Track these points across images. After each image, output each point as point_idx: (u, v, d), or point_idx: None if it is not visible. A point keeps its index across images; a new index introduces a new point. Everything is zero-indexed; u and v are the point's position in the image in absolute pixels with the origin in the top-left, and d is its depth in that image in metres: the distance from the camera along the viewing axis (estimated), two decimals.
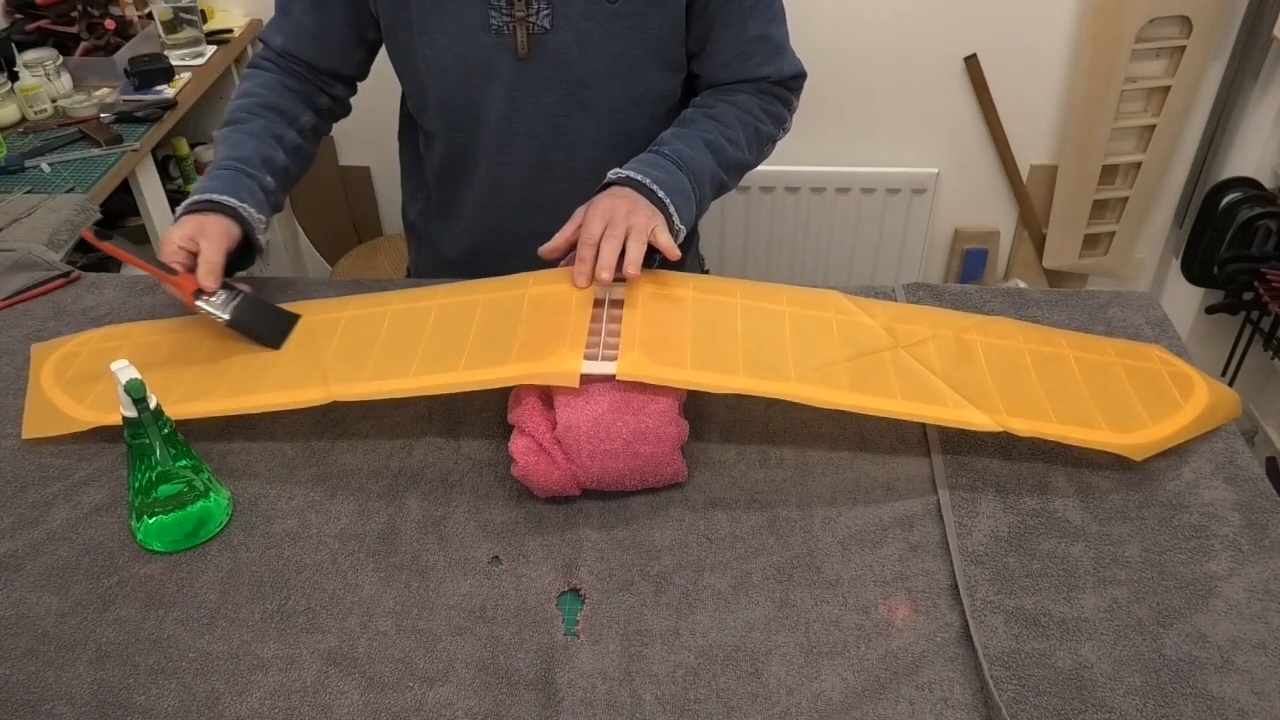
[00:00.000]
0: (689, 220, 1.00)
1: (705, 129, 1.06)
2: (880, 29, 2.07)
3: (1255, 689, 0.69)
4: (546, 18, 1.00)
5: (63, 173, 1.62)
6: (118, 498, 0.86)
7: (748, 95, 1.10)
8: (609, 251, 0.88)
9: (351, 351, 0.93)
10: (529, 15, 0.99)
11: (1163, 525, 0.82)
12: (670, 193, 0.97)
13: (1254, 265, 1.94)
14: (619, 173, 0.98)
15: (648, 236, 0.90)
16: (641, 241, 0.90)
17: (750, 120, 1.09)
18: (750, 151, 1.10)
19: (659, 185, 0.96)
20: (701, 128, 1.06)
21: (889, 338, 0.92)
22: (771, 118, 1.12)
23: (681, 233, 0.97)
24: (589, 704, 0.69)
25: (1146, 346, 0.99)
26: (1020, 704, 0.68)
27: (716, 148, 1.05)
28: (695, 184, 1.01)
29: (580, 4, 0.99)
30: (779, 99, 1.12)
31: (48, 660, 0.73)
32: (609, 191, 0.96)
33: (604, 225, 0.91)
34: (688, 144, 1.03)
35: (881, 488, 0.86)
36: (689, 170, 1.01)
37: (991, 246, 2.35)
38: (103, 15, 2.00)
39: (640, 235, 0.90)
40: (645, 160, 1.00)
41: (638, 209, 0.93)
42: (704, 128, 1.06)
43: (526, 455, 0.82)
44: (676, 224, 0.97)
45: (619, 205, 0.93)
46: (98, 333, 1.05)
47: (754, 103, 1.10)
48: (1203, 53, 2.02)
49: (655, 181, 0.96)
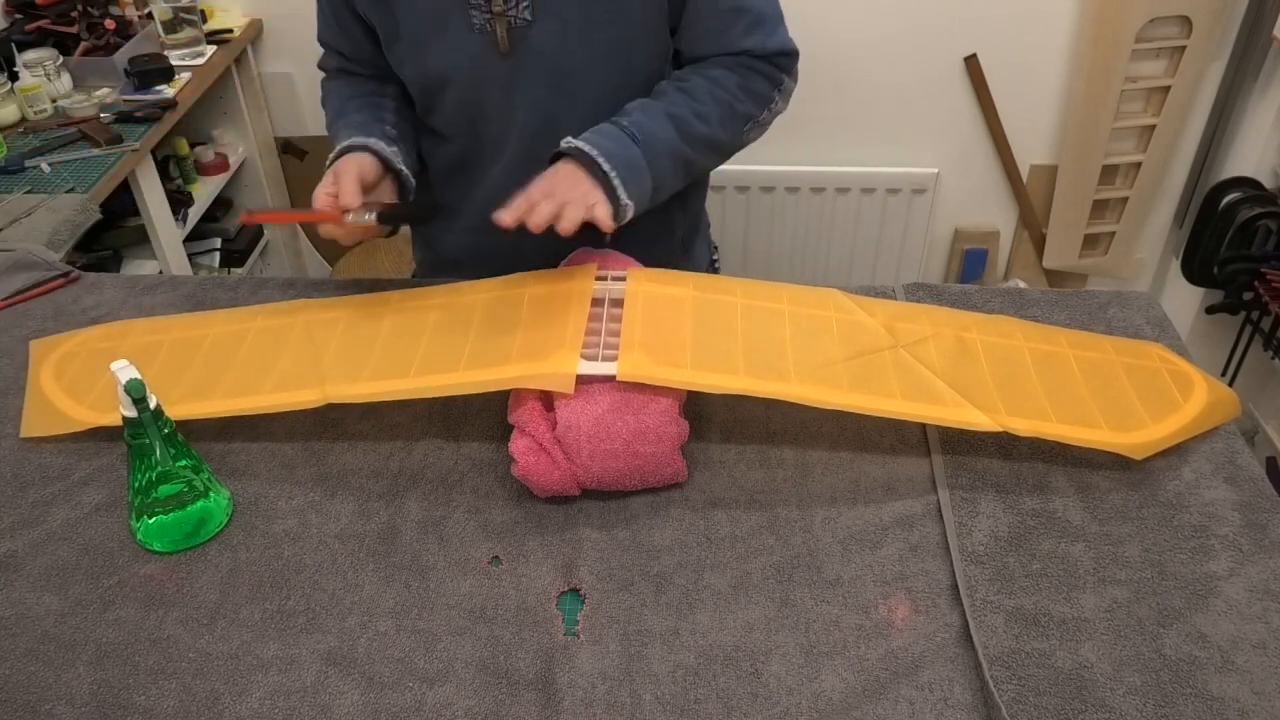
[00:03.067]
0: (640, 194, 0.98)
1: (672, 102, 1.03)
2: (880, 29, 2.07)
3: (1255, 689, 0.69)
4: (527, 9, 0.99)
5: (63, 173, 1.62)
6: (118, 498, 0.86)
7: (726, 70, 1.06)
8: (544, 212, 0.89)
9: (351, 352, 0.93)
10: (508, 9, 0.99)
11: (1163, 525, 0.82)
12: (617, 165, 0.95)
13: (1254, 265, 1.93)
14: (569, 142, 0.97)
15: (583, 213, 0.90)
16: (579, 211, 0.90)
17: (725, 96, 1.05)
18: (724, 129, 1.06)
19: (606, 157, 0.95)
20: (669, 100, 1.04)
21: (889, 336, 0.92)
22: (751, 95, 1.07)
23: (629, 206, 0.96)
24: (589, 704, 0.69)
25: (1146, 344, 0.99)
26: (1020, 704, 0.68)
27: (681, 121, 1.02)
28: (650, 157, 0.99)
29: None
30: (762, 75, 1.07)
31: (48, 660, 0.73)
32: (555, 167, 0.96)
33: (544, 195, 0.91)
34: (650, 115, 1.01)
35: (881, 488, 0.86)
36: (644, 143, 0.99)
37: (991, 246, 2.35)
38: (103, 15, 2.01)
39: (577, 207, 0.90)
40: (599, 130, 0.99)
41: (579, 184, 0.93)
42: (671, 100, 1.03)
43: (526, 455, 0.82)
44: (622, 198, 0.95)
45: (560, 180, 0.93)
46: (97, 332, 1.05)
47: (731, 78, 1.05)
48: (1203, 53, 2.02)
49: (603, 153, 0.95)
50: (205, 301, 1.12)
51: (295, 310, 1.02)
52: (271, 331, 0.99)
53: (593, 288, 0.93)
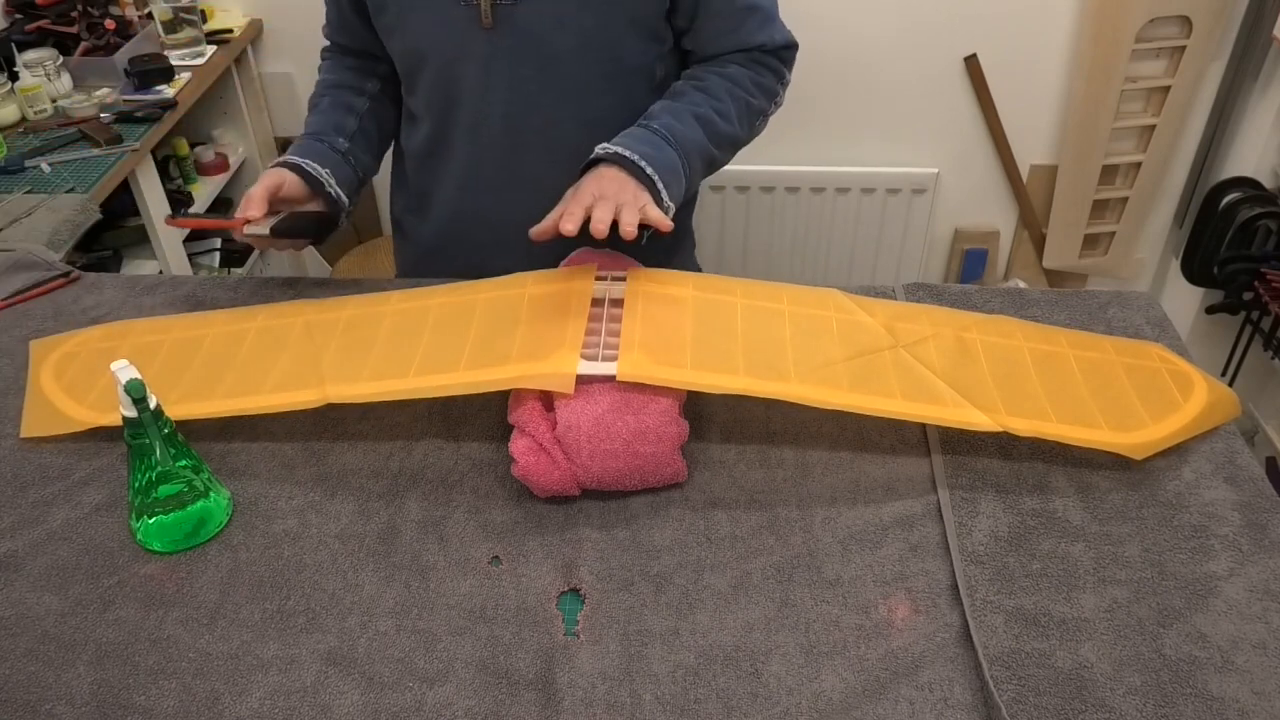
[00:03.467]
0: (678, 196, 0.99)
1: (695, 102, 1.04)
2: (880, 29, 2.07)
3: (1255, 689, 0.69)
4: None
5: (63, 173, 1.62)
6: (118, 498, 0.86)
7: (739, 67, 1.08)
8: (602, 212, 0.87)
9: (351, 352, 0.93)
10: None
11: (1163, 525, 0.82)
12: (659, 169, 0.95)
13: (1254, 265, 1.94)
14: (607, 148, 0.96)
15: (639, 214, 0.89)
16: (634, 212, 0.88)
17: (741, 94, 1.07)
18: (742, 126, 1.08)
19: (648, 162, 0.95)
20: (691, 100, 1.04)
21: (889, 336, 0.93)
22: (762, 91, 1.09)
23: (671, 209, 0.96)
24: (589, 704, 0.69)
25: (1146, 344, 0.99)
26: (1020, 704, 0.68)
27: (707, 121, 1.03)
28: (685, 159, 1.00)
29: None
30: (770, 70, 1.10)
31: (48, 660, 0.73)
32: (597, 171, 0.95)
33: (595, 198, 0.90)
34: (677, 118, 1.02)
35: (881, 488, 0.86)
36: (678, 145, 0.99)
37: (991, 246, 2.35)
38: (103, 15, 2.01)
39: (633, 208, 0.89)
40: (633, 135, 0.99)
41: (626, 187, 0.93)
42: (694, 100, 1.04)
43: (526, 455, 0.82)
44: (665, 200, 0.96)
45: (608, 184, 0.92)
46: (97, 332, 1.05)
47: (745, 75, 1.07)
48: (1203, 53, 2.02)
49: (644, 158, 0.95)
50: (205, 301, 1.12)
51: (295, 310, 1.02)
52: (271, 331, 0.99)
53: (593, 288, 0.93)
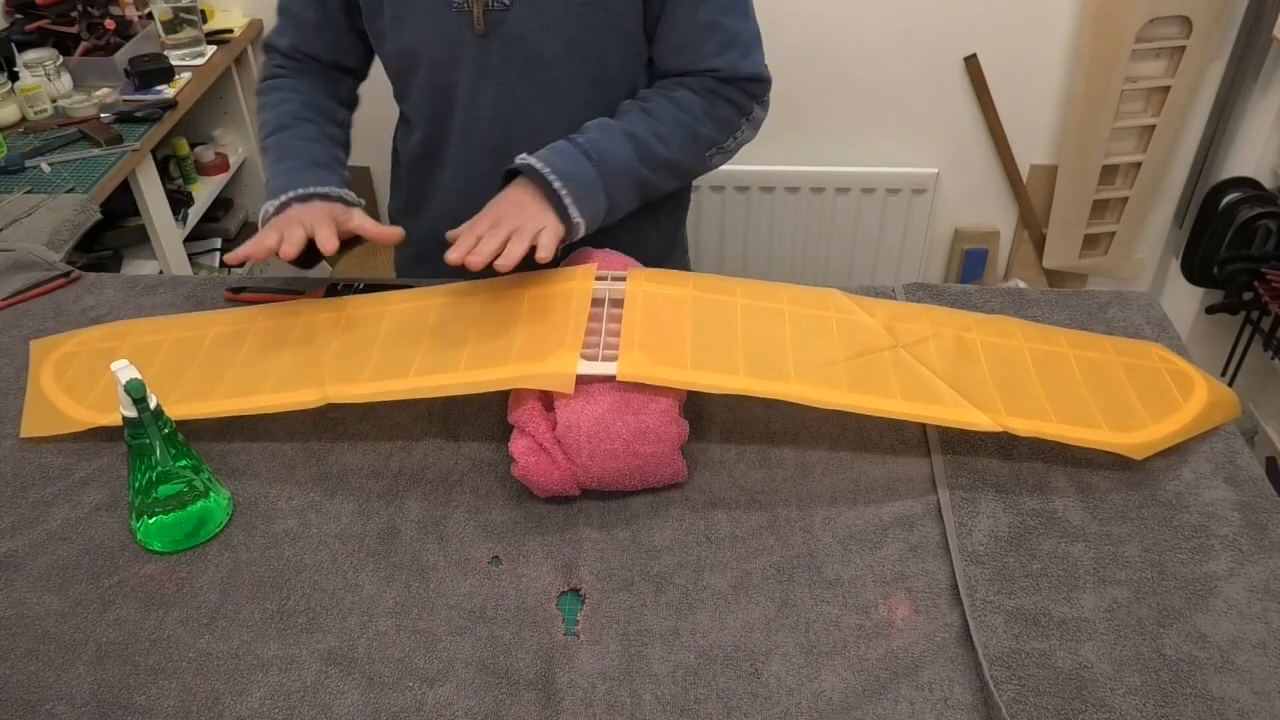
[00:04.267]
0: (594, 212, 0.99)
1: (632, 122, 1.04)
2: (880, 29, 2.07)
3: (1255, 689, 0.69)
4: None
5: (63, 173, 1.62)
6: (118, 498, 0.86)
7: (691, 93, 1.05)
8: (487, 245, 0.90)
9: (351, 352, 0.93)
10: None
11: (1163, 525, 0.82)
12: (569, 182, 0.96)
13: (1254, 265, 1.94)
14: (522, 159, 0.98)
15: (528, 242, 0.91)
16: (523, 242, 0.91)
17: (687, 120, 1.04)
18: (685, 153, 1.06)
19: (557, 174, 0.96)
20: (629, 120, 1.04)
21: (889, 336, 0.92)
22: (715, 121, 1.06)
23: (580, 225, 0.97)
24: (589, 704, 0.69)
25: (1146, 344, 0.99)
26: (1020, 704, 0.68)
27: (640, 141, 1.02)
28: (605, 175, 0.99)
29: None
30: (728, 101, 1.06)
31: (48, 660, 0.73)
32: (505, 192, 0.98)
33: (490, 225, 0.93)
34: (607, 133, 1.02)
35: (881, 488, 0.86)
36: (598, 161, 0.99)
37: (991, 246, 2.35)
38: (103, 15, 2.01)
39: (522, 236, 0.91)
40: (553, 148, 1.00)
41: (525, 209, 0.95)
42: (632, 120, 1.04)
43: (526, 455, 0.82)
44: (574, 216, 0.96)
45: (506, 208, 0.95)
46: (97, 332, 1.05)
47: (696, 101, 1.05)
48: (1203, 53, 2.02)
49: (554, 170, 0.96)
50: (205, 301, 1.12)
51: (295, 310, 1.02)
52: (271, 331, 0.99)
53: (593, 288, 0.93)
